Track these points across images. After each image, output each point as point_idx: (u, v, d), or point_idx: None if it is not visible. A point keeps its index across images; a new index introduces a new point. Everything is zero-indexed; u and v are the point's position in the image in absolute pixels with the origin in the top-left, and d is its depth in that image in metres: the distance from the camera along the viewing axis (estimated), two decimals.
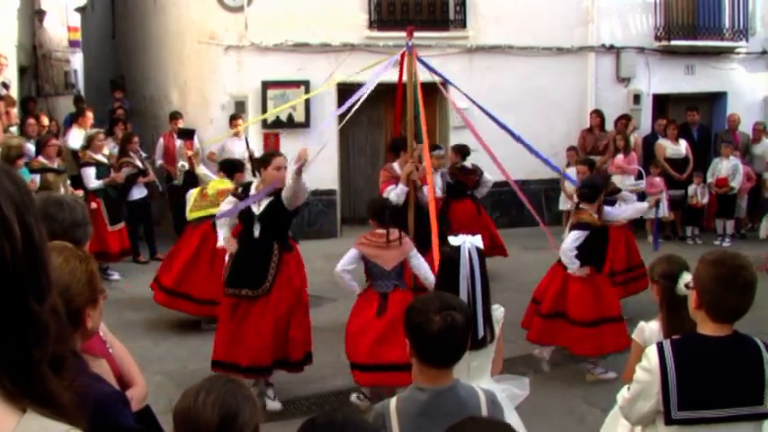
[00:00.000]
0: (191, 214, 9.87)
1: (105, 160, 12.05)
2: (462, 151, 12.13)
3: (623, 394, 3.90)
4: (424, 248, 9.15)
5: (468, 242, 4.68)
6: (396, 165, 9.68)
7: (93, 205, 11.50)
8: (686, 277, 4.46)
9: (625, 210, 9.08)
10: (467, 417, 2.68)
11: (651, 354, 3.62)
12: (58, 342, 1.69)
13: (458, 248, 4.66)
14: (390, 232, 7.40)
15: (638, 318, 5.18)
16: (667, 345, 3.60)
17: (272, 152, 8.06)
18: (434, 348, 3.38)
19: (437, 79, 9.49)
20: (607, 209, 8.58)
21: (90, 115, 13.79)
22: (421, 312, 3.39)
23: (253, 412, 2.67)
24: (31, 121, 12.87)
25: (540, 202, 15.28)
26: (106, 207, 11.80)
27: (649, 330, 4.84)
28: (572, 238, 8.13)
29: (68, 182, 11.36)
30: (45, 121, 13.66)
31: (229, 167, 10.09)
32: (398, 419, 3.43)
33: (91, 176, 11.69)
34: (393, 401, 3.48)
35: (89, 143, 11.97)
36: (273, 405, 7.66)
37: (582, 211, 8.30)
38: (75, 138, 13.06)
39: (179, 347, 9.22)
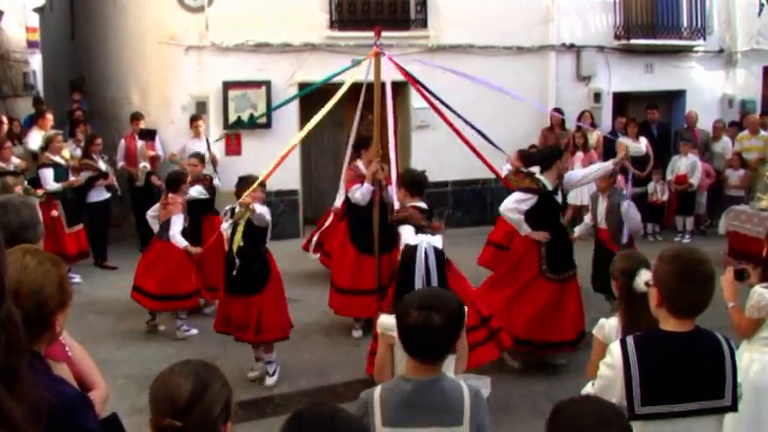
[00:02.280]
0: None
1: (64, 162, 11.92)
2: None
3: (588, 390, 3.94)
4: (389, 247, 9.19)
5: (425, 242, 4.70)
6: (360, 164, 9.70)
7: (55, 213, 11.42)
8: (644, 274, 4.51)
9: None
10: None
11: (615, 350, 3.66)
12: (12, 353, 1.65)
13: (415, 248, 4.68)
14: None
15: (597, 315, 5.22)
16: (630, 341, 3.64)
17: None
18: (410, 341, 3.47)
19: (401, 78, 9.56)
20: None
21: (50, 117, 13.66)
22: (404, 305, 3.49)
23: (222, 388, 2.75)
24: None
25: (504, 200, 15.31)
26: (64, 209, 11.67)
27: (609, 326, 4.88)
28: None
29: (26, 183, 11.24)
30: (3, 119, 13.51)
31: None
32: (381, 408, 3.49)
33: (49, 178, 11.56)
34: (378, 390, 3.54)
35: (47, 145, 11.84)
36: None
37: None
38: (36, 139, 12.93)
39: (142, 350, 9.17)
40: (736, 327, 5.59)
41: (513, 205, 8.25)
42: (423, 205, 7.05)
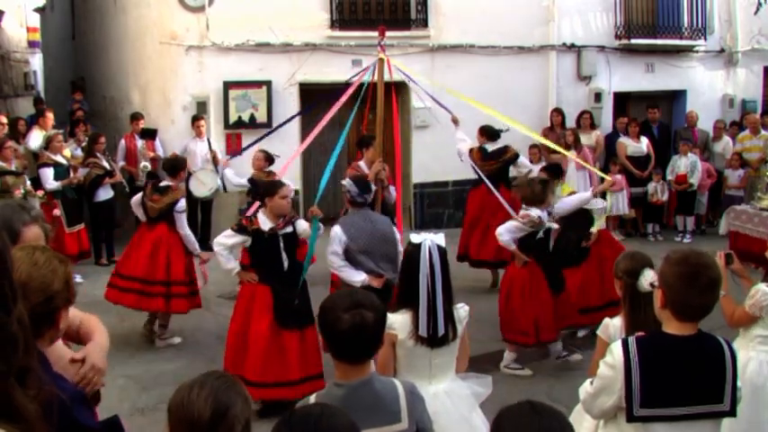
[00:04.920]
0: None
1: (64, 161, 11.91)
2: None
3: (586, 389, 3.92)
4: None
5: (429, 240, 4.69)
6: (362, 163, 9.70)
7: (57, 212, 11.42)
8: (648, 274, 4.50)
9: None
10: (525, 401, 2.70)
11: (616, 350, 3.64)
12: (24, 353, 1.66)
13: (418, 246, 4.67)
14: None
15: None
16: (632, 342, 3.63)
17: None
18: (345, 345, 3.43)
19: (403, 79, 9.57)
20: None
21: (50, 116, 13.65)
22: (330, 311, 3.44)
23: (244, 407, 2.72)
24: None
25: None
26: (64, 208, 11.65)
27: (613, 327, 4.87)
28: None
29: (28, 183, 11.23)
30: (3, 119, 13.51)
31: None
32: None
33: (49, 177, 11.55)
34: (312, 398, 3.50)
35: (47, 144, 11.84)
36: None
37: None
38: (36, 139, 12.93)
39: (142, 350, 9.16)
40: (729, 317, 5.60)
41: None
42: None
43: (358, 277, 7.30)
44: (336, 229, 7.36)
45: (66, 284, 2.89)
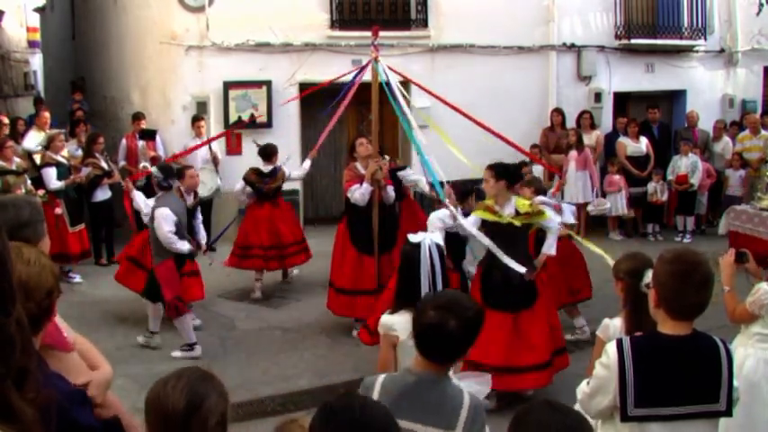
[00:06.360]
0: None
1: (65, 161, 11.91)
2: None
3: (583, 389, 3.93)
4: (389, 247, 9.20)
5: (428, 240, 4.69)
6: (359, 164, 9.68)
7: (59, 211, 11.43)
8: (650, 274, 4.51)
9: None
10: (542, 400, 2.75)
11: (610, 350, 3.66)
12: (22, 354, 1.66)
13: (418, 246, 4.67)
14: None
15: (603, 316, 5.20)
16: (626, 342, 3.64)
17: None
18: (423, 340, 3.46)
19: (399, 79, 9.55)
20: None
21: (47, 116, 13.62)
22: (423, 302, 3.51)
23: (219, 401, 2.74)
24: None
25: None
26: (67, 208, 11.67)
27: (613, 327, 4.87)
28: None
29: (29, 183, 11.23)
30: (5, 119, 13.51)
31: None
32: (380, 395, 3.48)
33: (52, 177, 11.54)
34: (381, 377, 3.55)
35: (49, 144, 11.84)
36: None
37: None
38: (32, 139, 12.92)
39: (142, 350, 9.16)
40: (730, 313, 5.62)
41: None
42: None
43: (185, 247, 8.79)
44: (165, 211, 8.65)
45: (56, 277, 2.90)
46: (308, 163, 11.67)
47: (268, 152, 11.29)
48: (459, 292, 4.16)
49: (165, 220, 8.65)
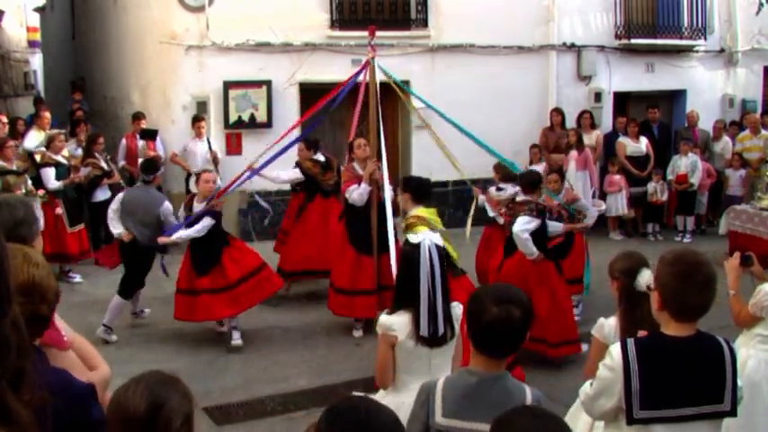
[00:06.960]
0: None
1: (65, 161, 11.91)
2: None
3: (586, 390, 3.91)
4: (388, 248, 9.19)
5: (428, 240, 4.68)
6: (356, 164, 9.69)
7: (59, 211, 11.44)
8: (645, 274, 4.50)
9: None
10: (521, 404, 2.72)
11: (615, 352, 3.63)
12: (19, 355, 1.65)
13: (417, 246, 4.66)
14: None
15: (598, 315, 5.21)
16: (631, 344, 3.62)
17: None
18: (487, 338, 3.42)
19: (397, 80, 9.54)
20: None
21: (47, 116, 13.60)
22: (479, 300, 3.43)
23: (182, 402, 2.74)
24: None
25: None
26: (66, 208, 11.67)
27: (608, 326, 4.87)
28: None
29: (29, 183, 11.23)
30: (4, 119, 13.51)
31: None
32: (443, 398, 3.47)
33: (51, 177, 11.54)
34: (441, 380, 3.53)
35: (49, 144, 11.84)
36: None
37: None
38: (32, 139, 12.91)
39: (142, 350, 9.15)
40: (735, 316, 5.63)
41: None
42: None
43: (116, 231, 9.35)
44: (119, 195, 9.66)
45: (54, 276, 2.91)
46: (297, 172, 11.18)
47: (313, 143, 11.20)
48: (505, 284, 4.14)
49: (115, 200, 9.54)
